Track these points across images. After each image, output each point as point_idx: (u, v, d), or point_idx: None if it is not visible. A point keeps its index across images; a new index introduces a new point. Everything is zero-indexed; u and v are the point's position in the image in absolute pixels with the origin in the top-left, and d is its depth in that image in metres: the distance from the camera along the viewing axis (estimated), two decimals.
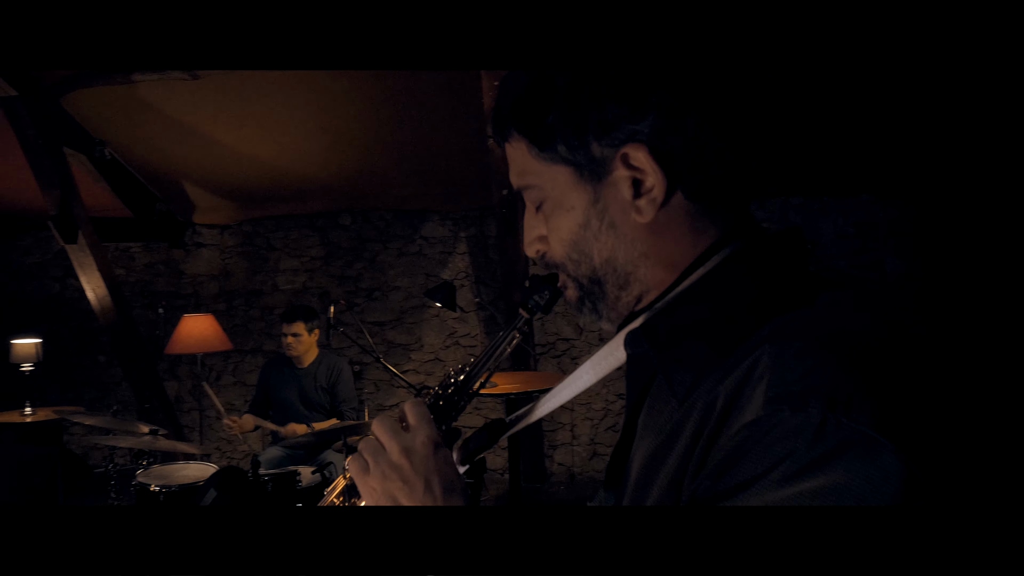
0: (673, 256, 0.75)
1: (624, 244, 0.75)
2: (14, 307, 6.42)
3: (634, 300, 0.78)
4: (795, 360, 0.61)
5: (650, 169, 0.71)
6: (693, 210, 0.73)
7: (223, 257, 6.39)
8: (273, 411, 4.53)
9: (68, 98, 4.73)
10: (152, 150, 5.37)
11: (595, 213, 0.75)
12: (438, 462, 0.79)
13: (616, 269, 0.76)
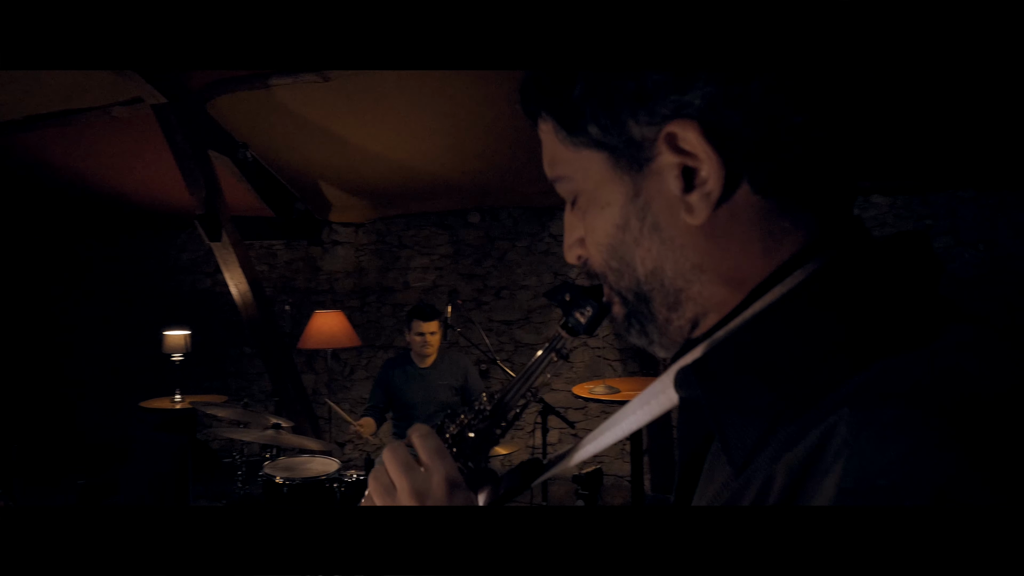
0: (738, 270, 0.57)
1: (672, 252, 0.58)
2: (169, 301, 6.89)
3: (688, 325, 0.61)
4: (886, 436, 0.43)
5: (703, 153, 0.54)
6: (765, 209, 0.55)
7: (357, 254, 6.56)
8: (395, 412, 4.47)
9: (213, 104, 4.98)
10: (290, 151, 5.57)
11: (635, 211, 0.59)
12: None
13: (664, 284, 0.60)
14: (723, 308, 0.59)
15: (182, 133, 4.87)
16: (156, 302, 6.97)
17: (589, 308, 0.69)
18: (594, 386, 4.46)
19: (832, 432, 0.46)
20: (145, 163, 5.87)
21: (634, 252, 0.60)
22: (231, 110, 5.08)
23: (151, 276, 7.16)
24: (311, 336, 5.13)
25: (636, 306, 0.63)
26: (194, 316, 6.47)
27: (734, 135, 0.53)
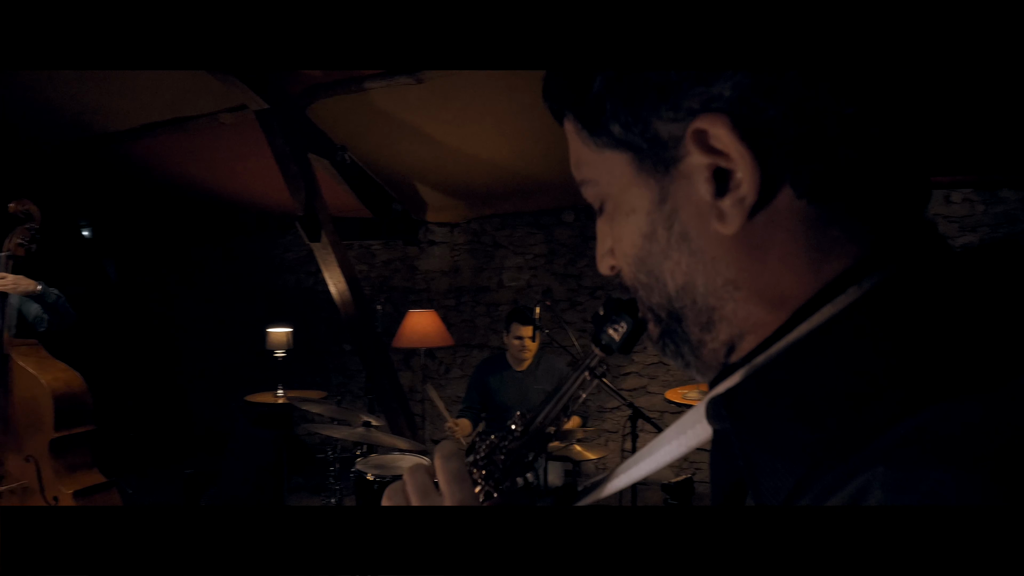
0: (778, 287, 0.49)
1: (703, 266, 0.51)
2: (274, 299, 7.14)
3: (723, 348, 0.54)
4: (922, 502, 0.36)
5: (736, 153, 0.46)
6: (811, 217, 0.47)
7: (453, 254, 6.62)
8: (489, 414, 4.45)
9: (311, 108, 5.11)
10: (386, 153, 5.66)
11: (661, 219, 0.52)
12: None
13: (696, 301, 0.53)
14: (762, 330, 0.51)
15: (283, 137, 5.02)
16: (262, 300, 7.26)
17: (623, 324, 0.63)
18: (688, 391, 4.32)
19: (865, 494, 0.38)
20: (250, 167, 6.10)
21: (663, 265, 0.53)
22: (329, 114, 5.20)
23: (258, 275, 7.46)
24: (404, 335, 5.19)
25: (669, 324, 0.56)
26: (297, 314, 6.69)
27: (772, 131, 0.46)
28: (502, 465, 0.72)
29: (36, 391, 3.14)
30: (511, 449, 0.72)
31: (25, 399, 3.18)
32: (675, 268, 0.53)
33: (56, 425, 3.13)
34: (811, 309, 0.48)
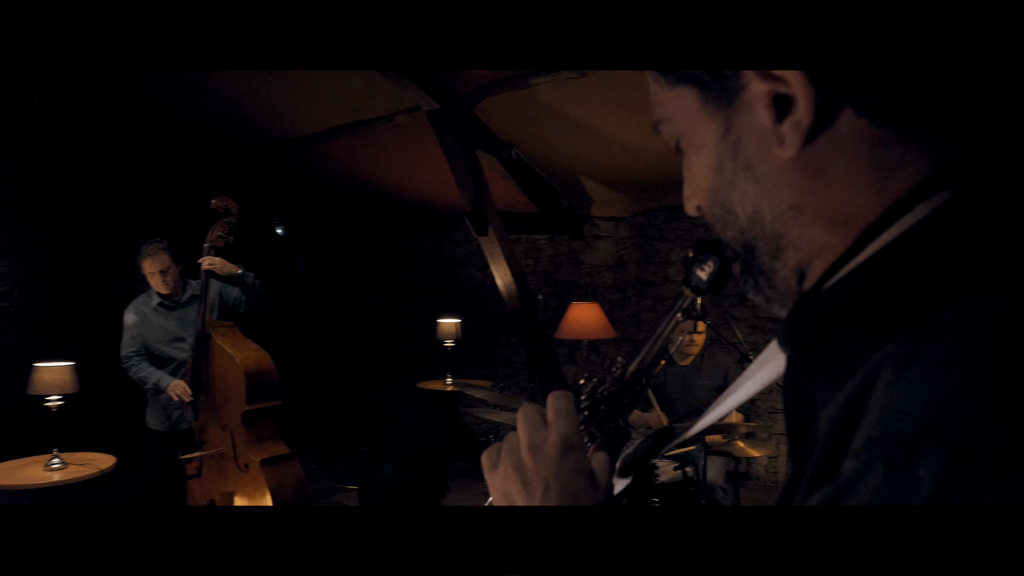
0: (844, 208, 0.49)
1: (767, 192, 0.51)
2: (444, 292, 7.45)
3: (793, 275, 0.53)
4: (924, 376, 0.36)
5: (791, 76, 0.47)
6: (875, 136, 0.46)
7: (618, 248, 6.60)
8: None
9: (479, 106, 5.29)
10: (551, 148, 5.75)
11: (727, 150, 0.53)
12: (564, 466, 0.63)
13: (764, 230, 0.53)
14: (830, 254, 0.50)
15: (452, 135, 5.24)
16: (434, 293, 7.59)
17: (710, 263, 0.64)
18: None
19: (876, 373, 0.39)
20: (423, 166, 6.40)
21: (732, 196, 0.54)
22: (496, 111, 5.35)
23: (430, 269, 7.81)
24: (567, 327, 5.25)
25: (746, 258, 0.56)
26: (466, 307, 6.94)
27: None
28: (603, 408, 0.74)
29: (231, 367, 3.49)
30: (610, 393, 0.74)
31: (222, 374, 3.53)
32: (743, 198, 0.53)
33: (248, 399, 3.46)
34: (878, 229, 0.47)
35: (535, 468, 0.64)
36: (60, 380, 3.52)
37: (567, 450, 0.64)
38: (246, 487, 3.47)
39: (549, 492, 0.62)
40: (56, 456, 3.54)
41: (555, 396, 0.68)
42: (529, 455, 0.65)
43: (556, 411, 0.66)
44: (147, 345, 3.81)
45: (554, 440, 0.64)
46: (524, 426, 0.67)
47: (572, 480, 0.63)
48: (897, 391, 0.36)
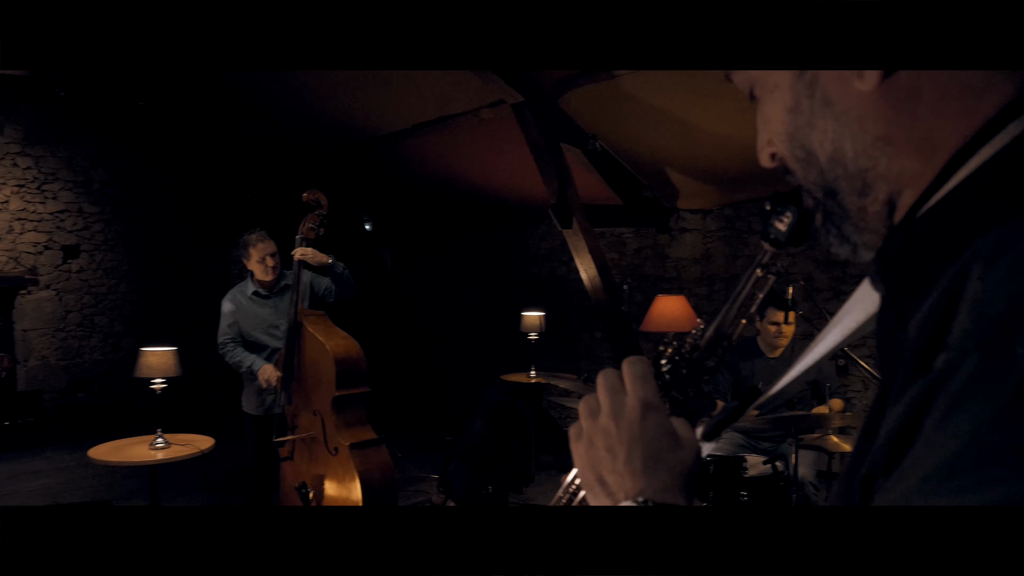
0: (930, 135, 0.47)
1: (849, 127, 0.51)
2: (528, 286, 7.47)
3: (884, 210, 0.52)
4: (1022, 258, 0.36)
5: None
6: None
7: (704, 241, 6.47)
8: (743, 400, 4.33)
9: (564, 98, 5.28)
10: (636, 139, 5.69)
11: (803, 88, 0.52)
12: (646, 429, 0.63)
13: (847, 167, 0.52)
14: (919, 182, 0.49)
15: (537, 128, 5.25)
16: (517, 287, 7.63)
17: (789, 214, 0.61)
18: None
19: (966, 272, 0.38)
20: (507, 160, 6.43)
21: (811, 136, 0.53)
22: (580, 103, 5.33)
23: (514, 264, 7.85)
24: (652, 319, 5.19)
25: (827, 204, 0.55)
26: (549, 300, 6.94)
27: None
28: (684, 372, 0.72)
29: (322, 354, 3.59)
30: (691, 357, 0.73)
31: (313, 361, 3.64)
32: (823, 137, 0.52)
33: (337, 384, 3.55)
34: (968, 153, 0.46)
35: (618, 433, 0.63)
36: (164, 364, 3.71)
37: (647, 412, 0.64)
38: (336, 470, 3.57)
39: (633, 455, 0.62)
40: (160, 436, 3.73)
41: (630, 361, 0.67)
42: (611, 421, 0.64)
43: (633, 376, 0.66)
44: (242, 332, 3.97)
45: (633, 404, 0.64)
46: (604, 392, 0.67)
47: (655, 442, 0.62)
48: (989, 280, 0.36)
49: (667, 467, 0.62)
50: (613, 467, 0.63)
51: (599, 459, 0.65)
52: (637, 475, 0.61)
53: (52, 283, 8.04)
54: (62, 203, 8.08)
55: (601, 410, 0.66)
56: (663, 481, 0.60)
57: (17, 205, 7.80)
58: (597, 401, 0.68)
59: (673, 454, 0.63)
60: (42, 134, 7.90)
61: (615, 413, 0.64)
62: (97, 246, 8.31)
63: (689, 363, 0.72)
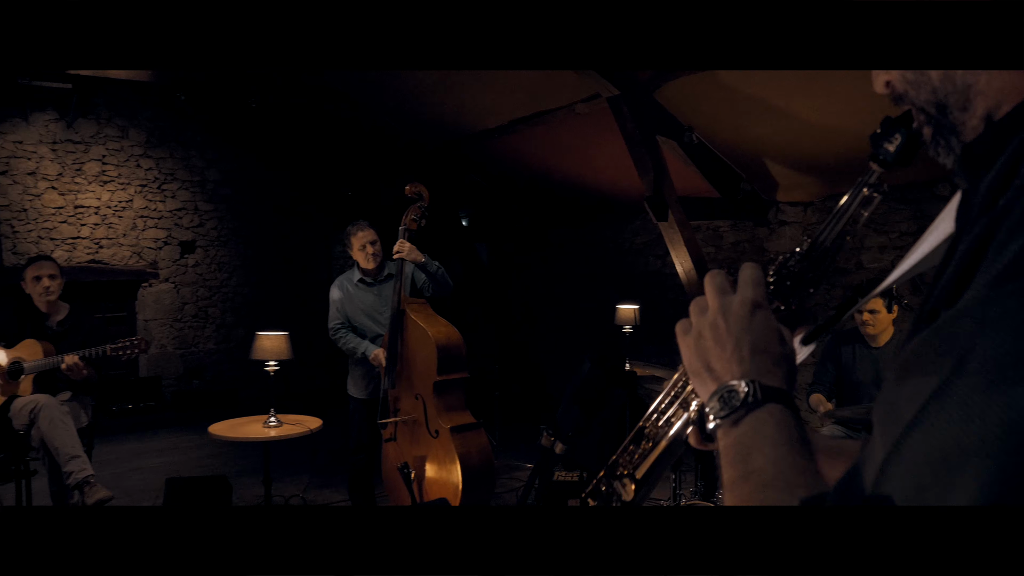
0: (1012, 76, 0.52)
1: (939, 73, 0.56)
2: (623, 279, 7.47)
3: (981, 124, 0.56)
4: None
5: None
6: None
7: (805, 235, 6.31)
8: (840, 390, 4.25)
9: (660, 91, 5.27)
10: (734, 131, 5.61)
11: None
12: (754, 323, 0.69)
13: (955, 83, 0.56)
14: (1015, 96, 0.53)
15: (632, 121, 5.25)
16: (612, 281, 7.64)
17: (898, 136, 0.66)
18: None
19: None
20: (602, 154, 6.45)
21: (921, 81, 0.58)
22: (676, 95, 5.31)
23: (609, 258, 7.87)
24: None
25: (938, 119, 0.59)
26: (644, 294, 6.92)
27: None
28: (788, 284, 0.78)
29: (424, 340, 3.72)
30: (795, 269, 0.77)
31: (415, 347, 3.78)
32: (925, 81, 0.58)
33: (439, 369, 3.68)
34: None
35: (726, 327, 0.69)
36: (277, 347, 3.92)
37: (756, 310, 0.69)
38: (436, 452, 3.69)
39: (741, 346, 0.67)
40: (273, 416, 3.95)
41: (746, 265, 0.73)
42: (720, 316, 0.70)
43: (745, 278, 0.72)
44: (348, 317, 4.15)
45: (742, 301, 0.70)
46: (713, 292, 0.73)
47: (762, 334, 0.68)
48: None
49: (772, 357, 0.67)
50: (721, 356, 0.69)
51: (707, 349, 0.70)
52: (744, 361, 0.67)
53: (170, 276, 8.56)
54: (180, 201, 8.59)
55: (710, 308, 0.72)
56: (768, 367, 0.65)
57: (140, 203, 8.34)
58: (706, 301, 0.74)
59: (778, 347, 0.68)
60: (162, 137, 8.43)
61: (724, 310, 0.70)
62: (211, 242, 8.79)
63: (792, 275, 0.77)
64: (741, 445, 0.62)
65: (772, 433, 0.60)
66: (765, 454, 0.59)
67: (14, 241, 7.75)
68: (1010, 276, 0.40)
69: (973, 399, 0.38)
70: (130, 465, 6.11)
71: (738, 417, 0.64)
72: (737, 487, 0.60)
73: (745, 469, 0.60)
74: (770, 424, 0.61)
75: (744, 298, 0.70)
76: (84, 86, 7.46)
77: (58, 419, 3.59)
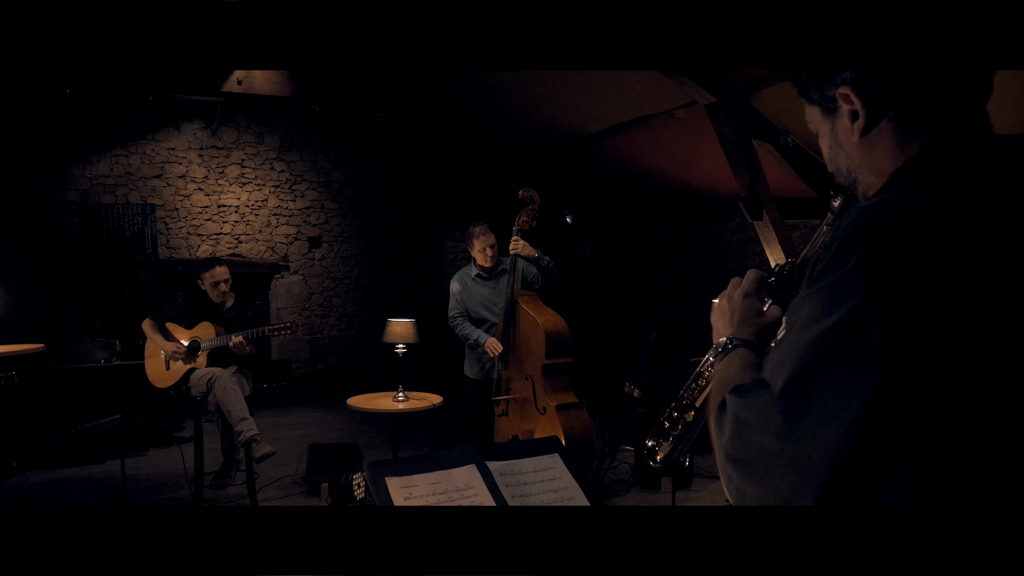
0: (881, 166, 0.95)
1: (848, 158, 0.99)
2: (721, 275, 7.73)
3: (863, 197, 1.00)
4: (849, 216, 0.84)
5: (857, 103, 0.94)
6: (897, 130, 0.92)
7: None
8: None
9: (756, 97, 5.56)
10: None
11: (833, 137, 1.01)
12: (743, 306, 1.13)
13: (850, 173, 1.00)
14: (875, 187, 0.96)
15: (729, 126, 5.57)
16: (710, 277, 7.93)
17: (839, 197, 1.08)
18: None
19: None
20: (699, 156, 6.77)
21: (838, 159, 1.02)
22: (772, 101, 5.59)
23: (706, 254, 8.16)
24: None
25: (848, 189, 1.03)
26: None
27: (875, 91, 0.93)
28: (784, 283, 1.20)
29: (534, 328, 4.21)
30: (787, 272, 1.20)
31: (526, 334, 4.27)
32: (840, 160, 1.02)
33: (547, 354, 4.16)
34: (897, 174, 0.93)
35: (728, 307, 1.16)
36: (405, 332, 4.51)
37: (744, 297, 1.15)
38: (543, 427, 4.18)
39: (733, 318, 1.13)
40: (401, 392, 4.53)
41: (750, 271, 1.18)
42: (727, 301, 1.16)
43: (747, 279, 1.17)
44: (467, 308, 4.69)
45: (740, 292, 1.16)
46: (730, 287, 1.19)
47: (744, 311, 1.13)
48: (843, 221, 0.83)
49: (749, 325, 1.11)
50: (722, 323, 1.15)
51: (719, 319, 1.17)
52: (731, 326, 1.12)
53: (300, 269, 9.39)
54: (308, 200, 9.41)
55: (725, 295, 1.18)
56: (745, 330, 1.10)
57: (274, 203, 9.20)
58: (726, 292, 1.20)
59: (756, 319, 1.12)
60: (293, 142, 9.26)
61: (730, 297, 1.16)
62: (335, 237, 9.58)
63: (786, 278, 1.20)
64: (720, 368, 1.07)
65: (736, 361, 1.05)
66: (729, 371, 1.04)
67: (167, 237, 8.73)
68: (811, 281, 0.84)
69: (795, 334, 0.82)
70: (270, 436, 6.88)
71: (722, 356, 1.09)
72: (713, 388, 1.07)
73: (718, 379, 1.06)
74: (736, 358, 1.06)
75: (741, 290, 1.15)
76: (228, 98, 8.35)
77: (230, 387, 4.31)
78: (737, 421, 0.87)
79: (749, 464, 0.83)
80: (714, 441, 0.94)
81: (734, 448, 0.86)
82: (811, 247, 1.18)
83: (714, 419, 0.95)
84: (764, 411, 0.82)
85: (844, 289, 0.77)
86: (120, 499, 4.16)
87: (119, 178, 8.52)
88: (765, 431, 0.82)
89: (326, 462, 4.94)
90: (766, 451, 0.81)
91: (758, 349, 1.08)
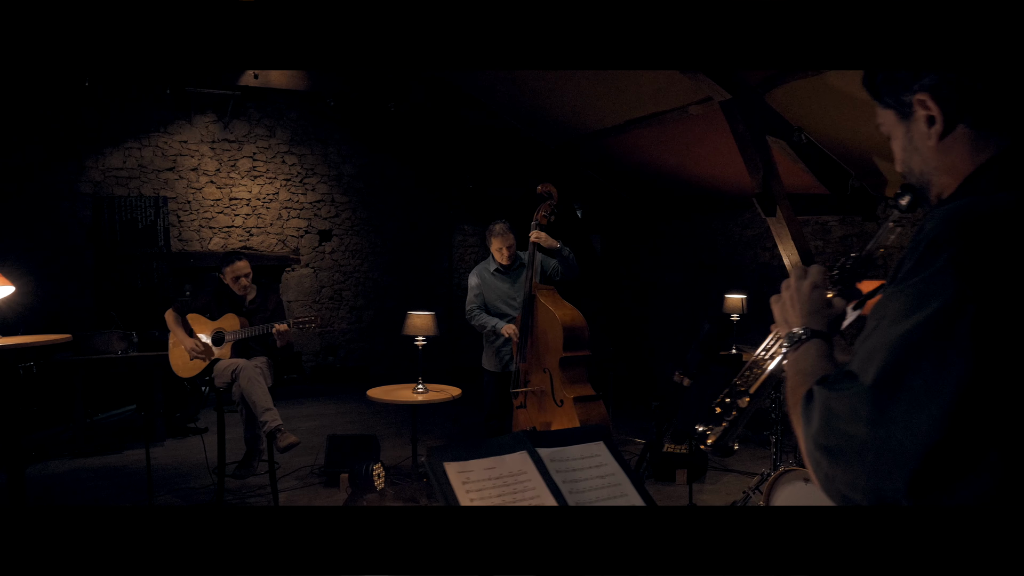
0: (956, 168, 1.00)
1: (924, 161, 1.05)
2: (731, 271, 7.78)
3: (936, 199, 1.05)
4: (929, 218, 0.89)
5: (935, 109, 0.99)
6: (971, 135, 0.98)
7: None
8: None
9: (770, 94, 5.60)
10: (842, 131, 5.87)
11: (908, 141, 1.06)
12: (812, 296, 1.18)
13: (924, 177, 1.05)
14: (949, 189, 1.01)
15: (743, 123, 5.60)
16: (720, 272, 7.97)
17: (908, 196, 1.13)
18: None
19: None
20: (713, 152, 6.81)
21: (911, 161, 1.07)
22: (786, 98, 5.62)
23: (717, 248, 8.20)
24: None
25: (920, 192, 1.08)
26: (753, 286, 7.24)
27: (952, 97, 0.98)
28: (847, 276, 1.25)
29: (551, 321, 4.26)
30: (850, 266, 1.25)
31: (544, 327, 4.32)
32: (914, 162, 1.07)
33: (564, 347, 4.21)
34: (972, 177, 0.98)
35: (795, 297, 1.20)
36: (425, 324, 4.56)
37: (813, 288, 1.19)
38: (561, 419, 4.23)
39: (804, 309, 1.17)
40: (421, 383, 4.59)
41: (815, 264, 1.23)
42: (796, 292, 1.21)
43: (812, 269, 1.22)
44: (485, 302, 4.74)
45: (808, 283, 1.20)
46: (794, 277, 1.23)
47: (814, 303, 1.18)
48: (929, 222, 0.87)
49: (820, 315, 1.17)
50: (792, 314, 1.19)
51: (787, 311, 1.21)
52: (803, 317, 1.17)
53: (310, 262, 9.45)
54: (319, 194, 9.46)
55: (791, 287, 1.23)
56: (816, 320, 1.14)
57: (285, 196, 9.25)
58: (791, 282, 1.24)
59: (826, 309, 1.18)
60: (304, 135, 9.31)
61: (798, 288, 1.21)
62: (346, 231, 9.63)
63: (849, 271, 1.25)
64: (796, 359, 1.12)
65: (812, 352, 1.10)
66: (807, 361, 1.09)
67: (180, 229, 8.79)
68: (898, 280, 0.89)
69: (884, 329, 0.87)
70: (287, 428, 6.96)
71: (797, 346, 1.13)
72: (791, 379, 1.10)
73: (796, 369, 1.10)
74: (812, 348, 1.11)
75: (808, 281, 1.20)
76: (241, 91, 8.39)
77: (255, 378, 4.36)
78: (827, 411, 0.92)
79: (839, 451, 0.89)
80: (799, 430, 0.99)
81: (823, 437, 0.92)
82: (876, 242, 1.23)
83: (801, 409, 1.00)
84: (854, 402, 0.88)
85: (934, 287, 0.83)
86: (144, 488, 4.22)
87: (132, 170, 8.57)
88: (855, 420, 0.88)
89: (344, 452, 5.00)
90: (856, 439, 0.87)
91: (830, 339, 1.13)
